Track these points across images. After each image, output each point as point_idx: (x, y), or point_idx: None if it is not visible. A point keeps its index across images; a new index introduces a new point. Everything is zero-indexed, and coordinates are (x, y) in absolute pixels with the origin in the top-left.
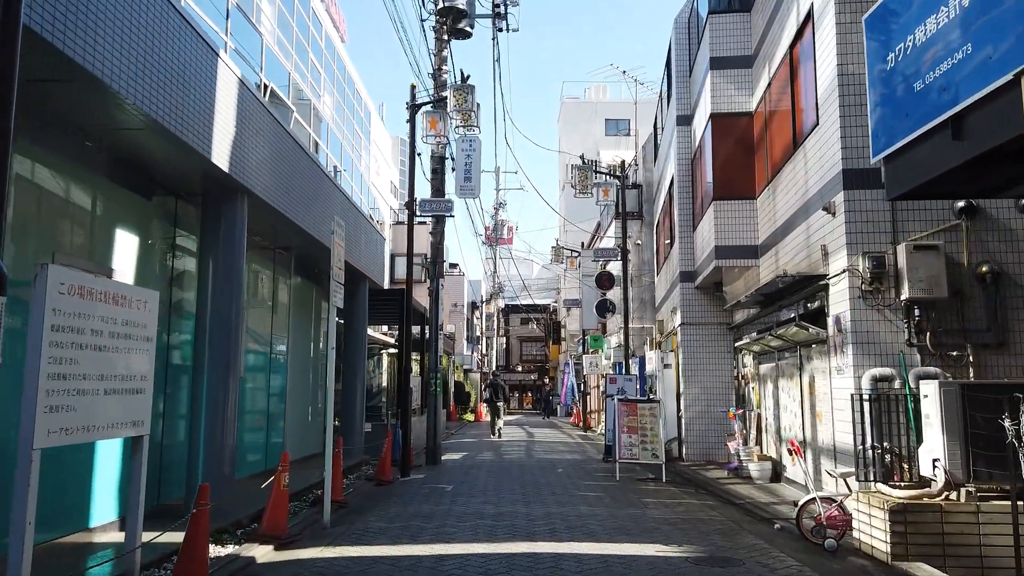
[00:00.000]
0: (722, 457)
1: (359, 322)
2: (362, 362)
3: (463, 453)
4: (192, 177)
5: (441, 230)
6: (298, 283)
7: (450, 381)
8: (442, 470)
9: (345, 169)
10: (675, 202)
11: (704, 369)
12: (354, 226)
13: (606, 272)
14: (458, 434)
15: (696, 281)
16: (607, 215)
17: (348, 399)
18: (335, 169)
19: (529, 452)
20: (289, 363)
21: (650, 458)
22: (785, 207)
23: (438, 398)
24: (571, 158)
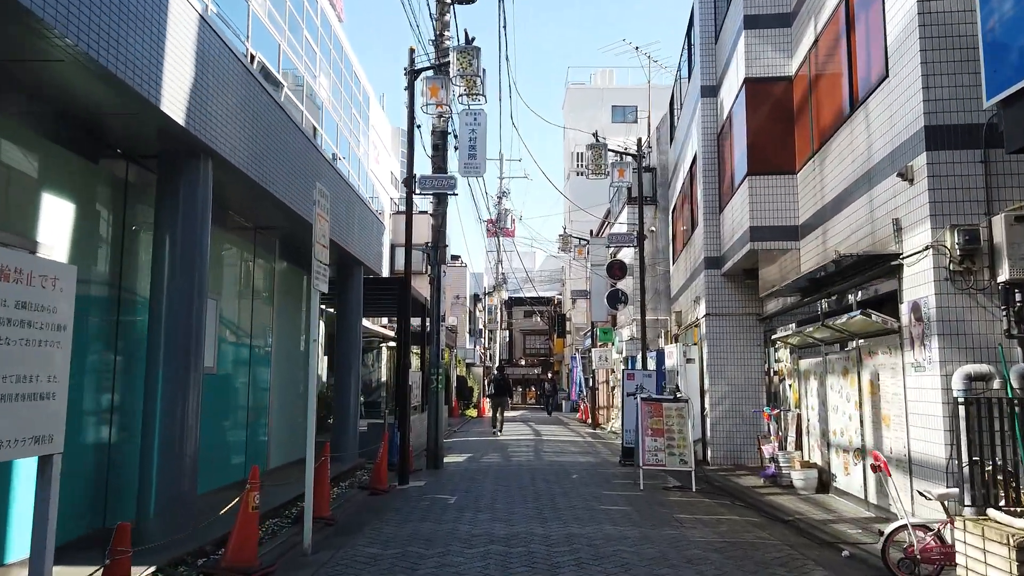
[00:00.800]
0: (751, 461)
1: (353, 312)
2: (357, 356)
3: (467, 455)
4: (144, 134)
5: (443, 212)
6: (284, 269)
7: (452, 376)
8: (444, 476)
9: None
10: (698, 182)
11: (731, 364)
12: (347, 206)
13: (618, 260)
14: (461, 432)
15: (723, 268)
16: (618, 201)
17: (341, 397)
18: (334, 156)
19: (538, 453)
20: (275, 358)
21: (677, 464)
22: (837, 179)
23: (440, 395)
24: (577, 146)
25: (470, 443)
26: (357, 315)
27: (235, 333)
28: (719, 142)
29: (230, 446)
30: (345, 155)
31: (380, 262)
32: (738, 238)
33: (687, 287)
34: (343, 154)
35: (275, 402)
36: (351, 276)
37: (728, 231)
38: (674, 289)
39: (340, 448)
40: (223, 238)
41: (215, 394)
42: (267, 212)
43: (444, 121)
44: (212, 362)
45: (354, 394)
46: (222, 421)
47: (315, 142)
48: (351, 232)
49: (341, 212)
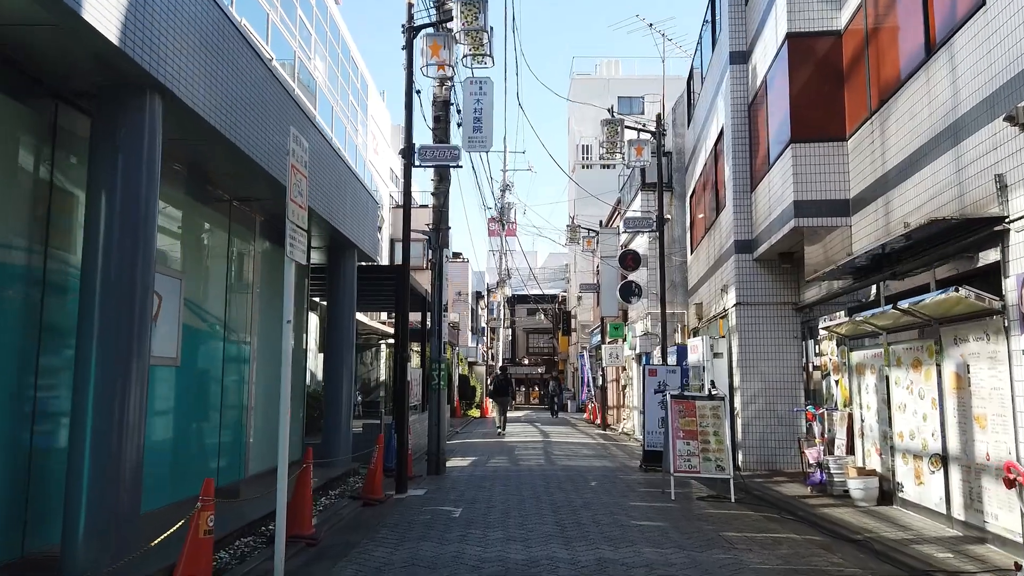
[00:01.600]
0: (789, 465)
1: (345, 302)
2: (350, 351)
3: (471, 458)
4: (78, 65)
5: (445, 191)
6: (268, 250)
7: (454, 374)
8: (447, 483)
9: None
10: (725, 160)
11: (764, 358)
12: (337, 180)
13: (631, 250)
14: (464, 432)
15: (756, 252)
16: (629, 188)
17: (333, 395)
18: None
19: (549, 457)
20: (258, 350)
21: (713, 470)
22: (906, 139)
23: (442, 393)
24: (582, 138)
25: (474, 445)
26: (350, 305)
27: (207, 321)
28: (750, 113)
29: (201, 450)
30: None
31: (376, 246)
32: (776, 216)
33: (710, 276)
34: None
35: (258, 400)
36: (343, 260)
37: (763, 210)
38: (692, 280)
39: (331, 451)
40: (193, 210)
41: (180, 390)
42: (244, 180)
43: (446, 90)
44: (175, 352)
45: (347, 392)
46: (190, 422)
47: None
48: (342, 209)
49: (329, 185)
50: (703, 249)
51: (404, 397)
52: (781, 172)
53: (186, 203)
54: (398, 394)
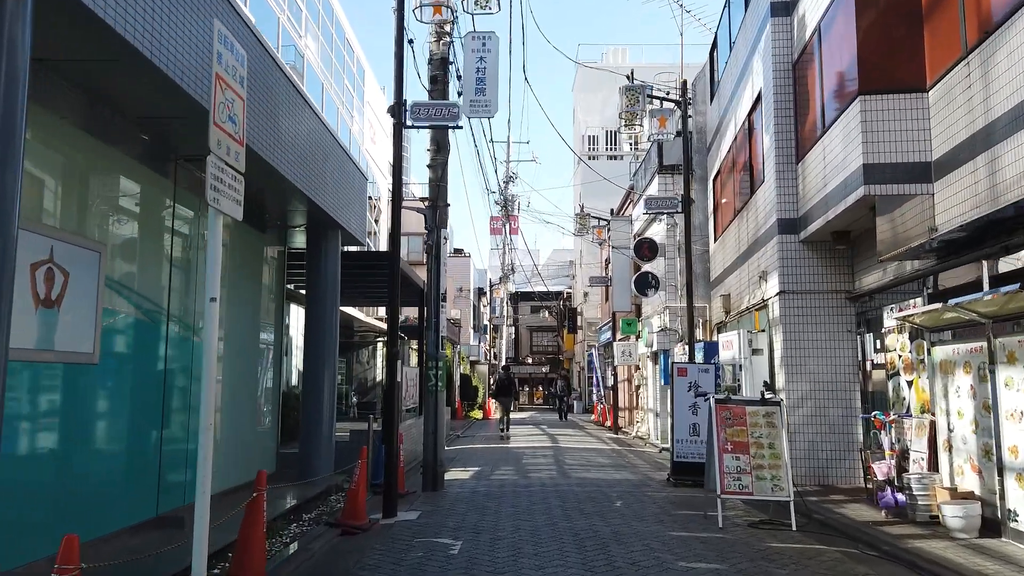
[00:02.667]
0: (843, 480)
1: (327, 290)
2: (332, 347)
3: (473, 468)
4: None
5: (443, 162)
6: (234, 226)
7: (455, 374)
8: (445, 502)
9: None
10: (763, 129)
11: (813, 355)
12: (315, 143)
13: (647, 239)
14: (466, 436)
15: (804, 231)
16: (644, 173)
17: (312, 400)
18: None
19: (561, 467)
20: (222, 349)
21: (769, 491)
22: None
23: (440, 395)
24: (588, 128)
25: (476, 452)
26: (333, 294)
27: (142, 308)
28: (796, 74)
29: (129, 473)
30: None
31: (363, 228)
32: (835, 187)
33: (742, 264)
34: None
35: (223, 404)
36: (324, 243)
37: (814, 182)
38: (717, 270)
39: (309, 464)
40: (116, 165)
41: (99, 395)
42: (183, 123)
43: (444, 46)
44: (91, 346)
45: (329, 395)
46: (113, 436)
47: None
48: (322, 180)
49: (307, 147)
50: (731, 235)
51: (394, 400)
52: (843, 133)
53: (107, 155)
54: (388, 397)
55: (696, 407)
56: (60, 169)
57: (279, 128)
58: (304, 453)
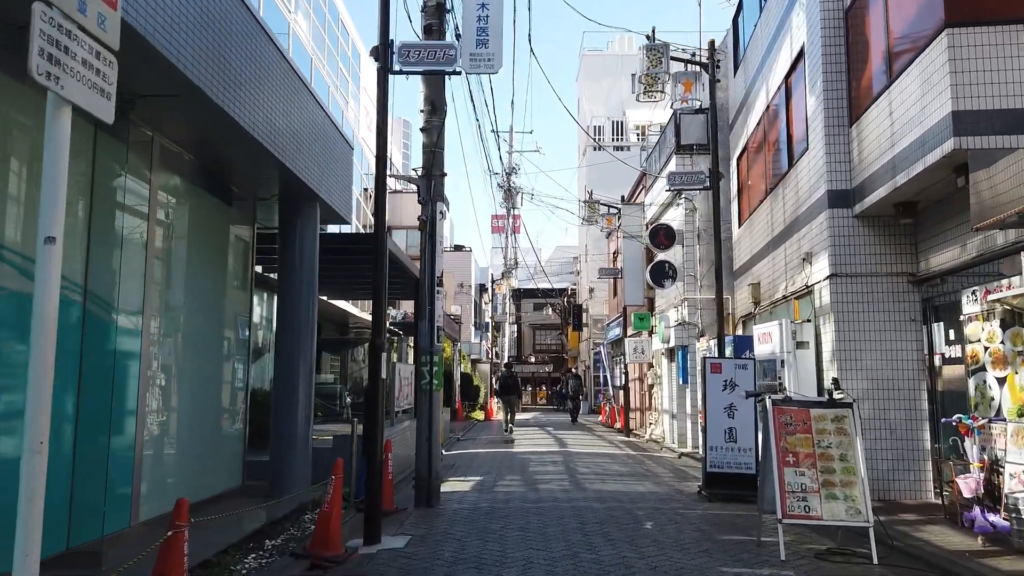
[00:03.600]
0: (909, 494)
1: (303, 274)
2: (308, 342)
3: (475, 479)
4: None
5: (439, 125)
6: (184, 192)
7: (455, 372)
8: (441, 523)
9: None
10: (808, 90)
11: (870, 348)
12: (288, 98)
13: (664, 225)
14: (466, 439)
15: (860, 204)
16: (659, 156)
17: (284, 401)
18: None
19: (574, 476)
20: (164, 339)
21: (844, 514)
22: None
23: (435, 396)
24: (594, 118)
25: (478, 458)
26: (309, 279)
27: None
28: (849, 21)
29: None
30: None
31: (348, 202)
32: (908, 146)
33: (776, 247)
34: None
35: (168, 408)
36: (299, 219)
37: (876, 145)
38: (742, 258)
39: (281, 476)
40: (18, 102)
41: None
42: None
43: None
44: None
45: (304, 396)
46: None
47: None
48: (294, 140)
49: (269, 96)
50: (760, 217)
51: (378, 402)
52: (921, 78)
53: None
54: (370, 398)
55: (733, 409)
56: None
57: (230, 64)
58: (275, 463)
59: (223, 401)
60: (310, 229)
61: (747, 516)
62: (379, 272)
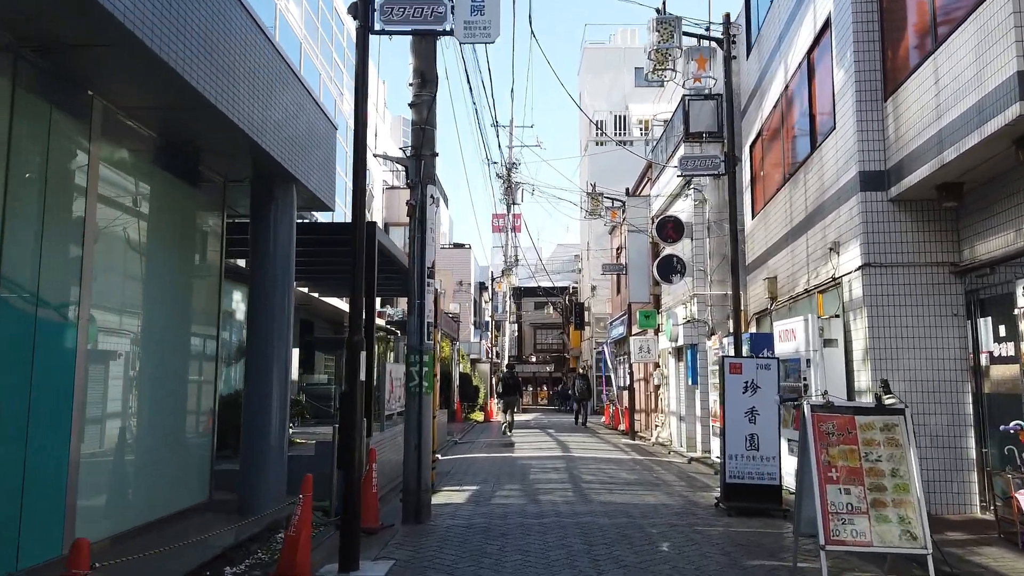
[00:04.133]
0: (951, 509)
1: (277, 263)
2: (283, 340)
3: (471, 488)
4: None
5: (429, 100)
6: (152, 176)
7: (454, 372)
8: (430, 544)
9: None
10: (835, 64)
11: (909, 345)
12: (252, 60)
13: (671, 217)
14: (464, 442)
15: (897, 186)
16: (665, 146)
17: (256, 406)
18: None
19: (578, 485)
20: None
21: (896, 539)
22: None
23: (425, 399)
24: (596, 112)
25: (476, 463)
26: (285, 270)
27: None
28: None
29: None
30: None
31: (330, 186)
32: (959, 116)
33: (795, 239)
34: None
35: (111, 418)
36: (272, 204)
37: (919, 117)
38: (756, 251)
39: (251, 489)
40: None
41: None
42: None
43: None
44: None
45: (279, 400)
46: None
47: None
48: (268, 116)
49: (239, 67)
50: (778, 207)
51: (355, 409)
52: (977, 37)
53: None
54: (346, 404)
55: (754, 413)
56: None
57: (181, 16)
58: (246, 475)
59: (188, 405)
60: (286, 215)
61: (774, 535)
62: (359, 256)
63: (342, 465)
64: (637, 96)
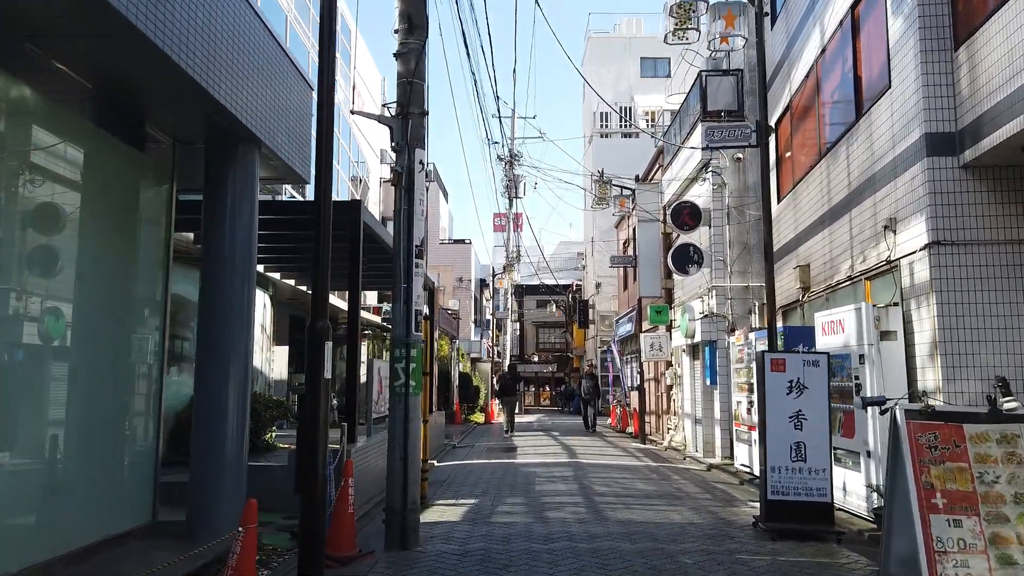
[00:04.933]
0: None
1: (235, 241)
2: (242, 333)
3: (468, 502)
4: None
5: (417, 49)
6: (90, 139)
7: (453, 372)
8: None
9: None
10: (891, 13)
11: (988, 338)
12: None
13: (687, 203)
14: (463, 446)
15: (973, 148)
16: (679, 129)
17: (208, 410)
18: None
19: (590, 498)
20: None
21: None
22: None
23: (412, 401)
24: (601, 104)
25: (475, 471)
26: (245, 248)
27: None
28: None
29: None
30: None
31: (303, 155)
32: None
33: (835, 220)
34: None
35: (36, 427)
36: (233, 167)
37: (1000, 66)
38: (783, 238)
39: (202, 513)
40: None
41: None
42: None
43: None
44: None
45: (235, 406)
46: None
47: None
48: (223, 62)
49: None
50: (811, 186)
51: (318, 415)
52: None
53: None
54: (307, 411)
55: (801, 418)
56: None
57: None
58: (195, 493)
59: (127, 410)
60: (248, 185)
61: (832, 565)
62: (323, 226)
63: (300, 488)
64: (643, 87)
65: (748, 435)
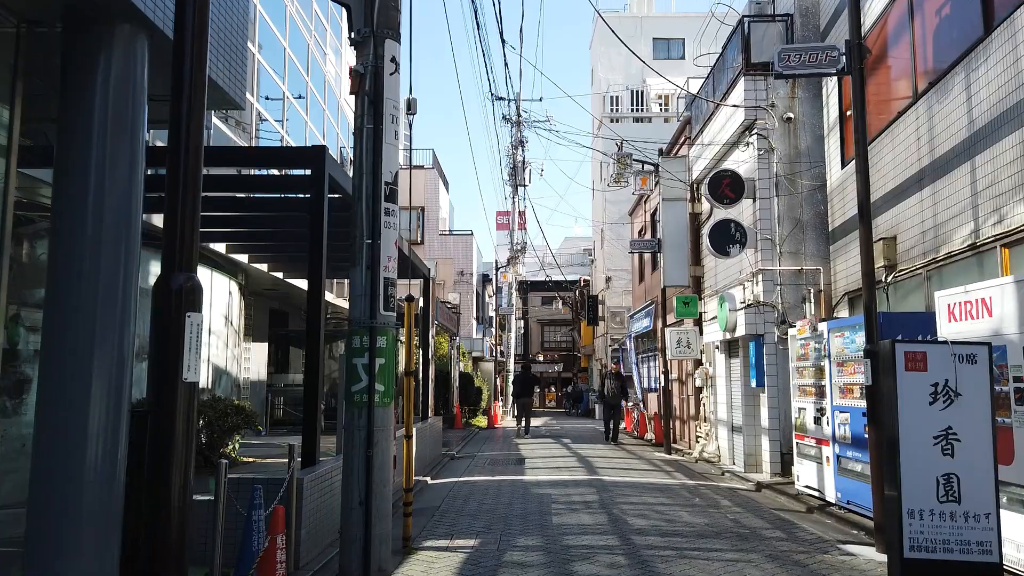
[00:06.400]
0: None
1: (105, 187)
2: (112, 331)
3: (467, 544)
4: None
5: None
6: None
7: (453, 371)
8: None
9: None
10: None
11: None
12: None
13: (727, 171)
14: (464, 455)
15: None
16: (711, 87)
17: (52, 428)
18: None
19: (626, 538)
20: None
21: None
22: None
23: (382, 416)
24: (610, 87)
25: (475, 492)
26: (122, 197)
27: None
28: None
29: None
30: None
31: (231, 61)
32: None
33: (944, 174)
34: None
35: None
36: (100, 56)
37: None
38: (851, 210)
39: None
40: None
41: None
42: None
43: None
44: None
45: (103, 417)
46: None
47: None
48: None
49: None
50: (896, 140)
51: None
52: None
53: None
54: (156, 424)
55: (950, 437)
56: None
57: None
58: (33, 551)
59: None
60: (129, 93)
61: None
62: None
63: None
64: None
65: (817, 451)
